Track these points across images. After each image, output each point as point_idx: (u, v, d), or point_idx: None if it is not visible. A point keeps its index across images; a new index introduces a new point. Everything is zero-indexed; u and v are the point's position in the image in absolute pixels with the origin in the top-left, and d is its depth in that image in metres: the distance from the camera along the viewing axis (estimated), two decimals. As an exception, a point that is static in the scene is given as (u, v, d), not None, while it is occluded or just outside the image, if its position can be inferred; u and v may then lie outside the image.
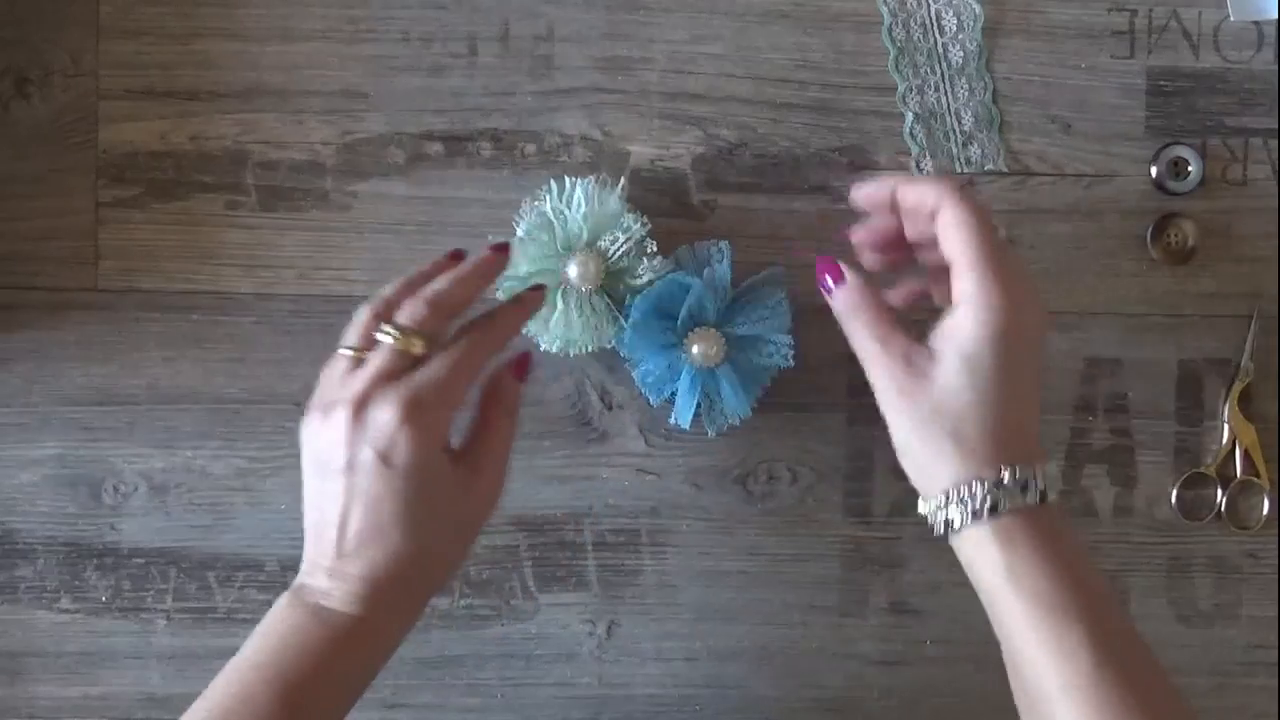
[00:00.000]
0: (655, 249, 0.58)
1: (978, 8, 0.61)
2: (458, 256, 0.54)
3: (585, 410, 0.62)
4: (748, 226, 0.61)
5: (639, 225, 0.57)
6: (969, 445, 0.46)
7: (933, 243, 0.50)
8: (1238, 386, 0.61)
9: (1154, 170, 0.61)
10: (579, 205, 0.57)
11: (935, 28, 0.61)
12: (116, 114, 0.60)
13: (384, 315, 0.50)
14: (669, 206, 0.61)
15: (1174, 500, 0.62)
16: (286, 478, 0.61)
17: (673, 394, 0.59)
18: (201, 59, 0.60)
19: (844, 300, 0.50)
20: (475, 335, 0.51)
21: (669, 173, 0.61)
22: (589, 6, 0.61)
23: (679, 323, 0.58)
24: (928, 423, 0.47)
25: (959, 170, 0.61)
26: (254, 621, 0.61)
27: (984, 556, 0.46)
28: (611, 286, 0.58)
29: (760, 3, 0.61)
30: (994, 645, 0.62)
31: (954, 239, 0.48)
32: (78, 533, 0.61)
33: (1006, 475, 0.46)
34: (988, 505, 0.46)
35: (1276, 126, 0.62)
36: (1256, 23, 0.61)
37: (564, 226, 0.57)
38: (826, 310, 0.61)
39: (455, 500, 0.50)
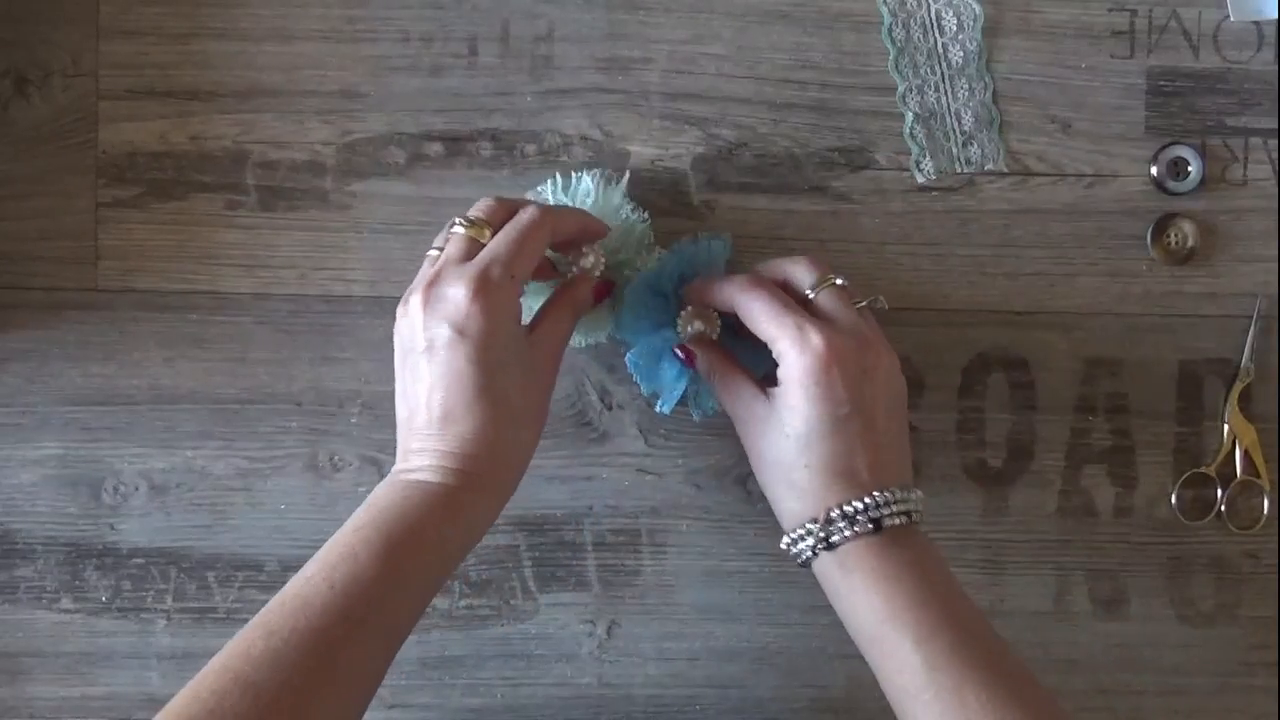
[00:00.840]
0: (653, 240, 0.58)
1: (978, 8, 0.61)
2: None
3: (585, 410, 0.61)
4: (748, 226, 0.61)
5: (640, 218, 0.58)
6: (799, 491, 0.52)
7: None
8: (1238, 386, 0.61)
9: (1154, 170, 0.61)
10: (586, 195, 0.58)
11: (935, 28, 0.61)
12: (116, 114, 0.60)
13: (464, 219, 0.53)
14: (669, 206, 0.61)
15: (1174, 500, 0.62)
16: (286, 478, 0.61)
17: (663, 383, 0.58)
18: (201, 59, 0.60)
19: (701, 367, 0.56)
20: (535, 213, 0.53)
21: (669, 173, 0.61)
22: (589, 6, 0.61)
23: (671, 293, 0.57)
24: (769, 470, 0.53)
25: (959, 170, 0.61)
26: (254, 621, 0.61)
27: (829, 583, 0.52)
28: (612, 279, 0.58)
29: (760, 3, 0.61)
30: (994, 645, 0.62)
31: (753, 321, 0.53)
32: (78, 533, 0.61)
33: (834, 512, 0.51)
34: (823, 539, 0.51)
35: (1276, 126, 0.62)
36: (1256, 23, 0.61)
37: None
38: (826, 310, 0.61)
39: (529, 373, 0.52)
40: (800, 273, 0.54)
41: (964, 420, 0.62)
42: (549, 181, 0.59)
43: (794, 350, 0.51)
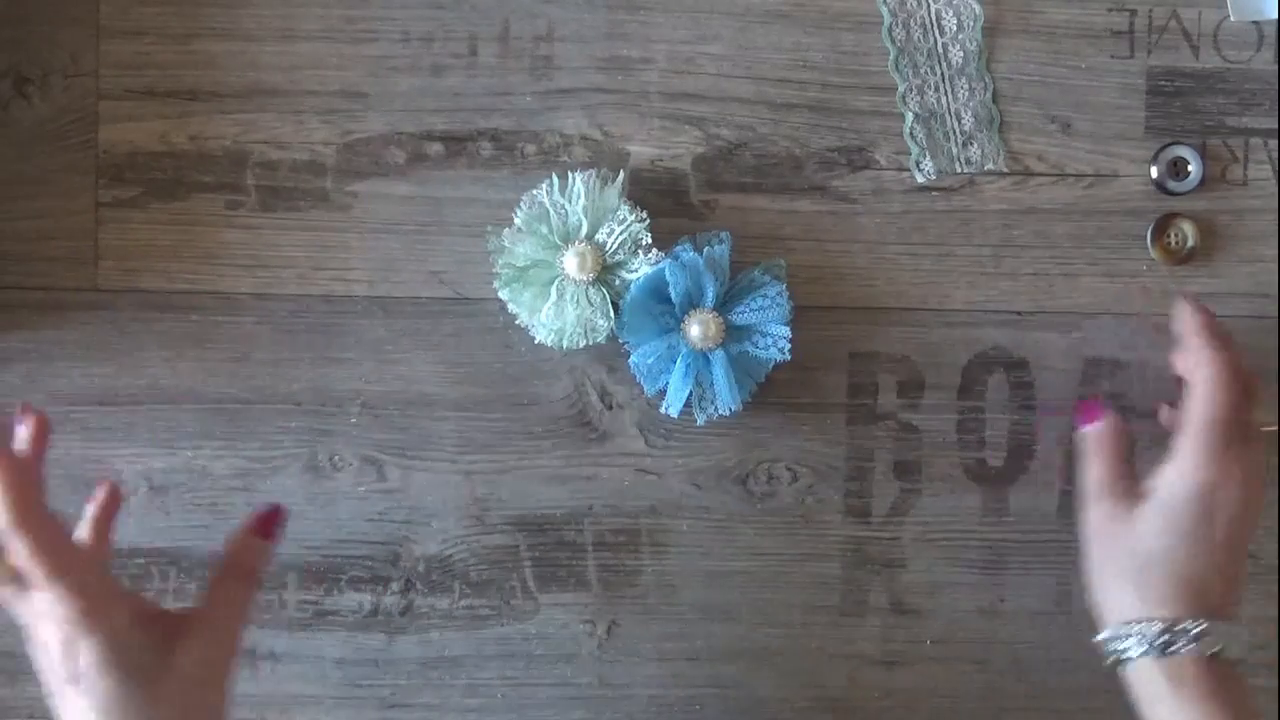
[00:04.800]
0: (650, 241, 0.58)
1: (978, 8, 0.61)
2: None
3: (585, 410, 0.62)
4: (748, 226, 0.61)
5: (635, 218, 0.58)
6: (1152, 587, 0.51)
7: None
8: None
9: (1154, 170, 0.61)
10: (578, 197, 0.58)
11: (935, 28, 0.61)
12: (116, 114, 0.60)
13: None
14: (669, 206, 0.61)
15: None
16: (286, 478, 0.61)
17: (667, 383, 0.59)
18: (201, 59, 0.60)
19: (1096, 437, 0.56)
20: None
21: (669, 173, 0.61)
22: (589, 6, 0.61)
23: (677, 300, 0.58)
24: (1118, 558, 0.53)
25: (959, 170, 0.61)
26: (254, 621, 0.61)
27: (1152, 692, 0.51)
28: (608, 280, 0.58)
29: (760, 3, 0.61)
30: (994, 645, 0.62)
31: (1192, 399, 0.53)
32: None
33: (1187, 622, 0.50)
34: (1161, 642, 0.50)
35: (1276, 126, 0.62)
36: (1256, 23, 0.61)
37: (563, 219, 0.58)
38: (827, 310, 0.61)
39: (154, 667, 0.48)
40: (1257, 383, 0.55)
41: (964, 420, 0.62)
42: (546, 183, 0.59)
43: (1201, 454, 0.52)
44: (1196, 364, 0.54)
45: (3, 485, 0.46)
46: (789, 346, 0.58)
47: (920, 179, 0.61)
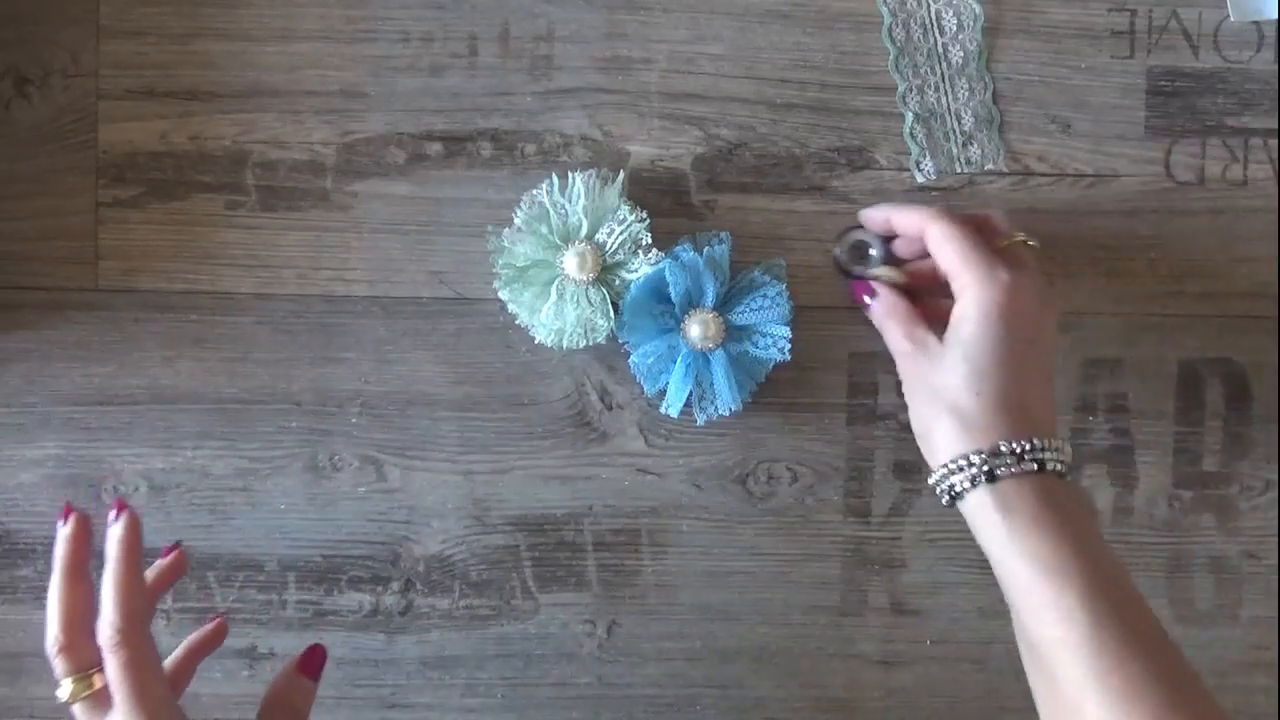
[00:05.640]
0: (650, 241, 0.58)
1: (978, 8, 0.61)
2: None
3: (585, 410, 0.62)
4: (748, 226, 0.61)
5: (635, 218, 0.58)
6: (966, 419, 0.51)
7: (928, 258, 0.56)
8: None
9: (836, 250, 0.60)
10: (578, 197, 0.58)
11: (935, 28, 0.61)
12: (116, 114, 0.60)
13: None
14: (669, 206, 0.61)
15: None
16: (286, 478, 0.61)
17: (667, 383, 0.59)
18: (201, 59, 0.60)
19: (879, 309, 0.57)
20: (118, 561, 0.50)
21: (669, 173, 0.61)
22: (589, 6, 0.61)
23: (677, 300, 0.58)
24: (930, 401, 0.53)
25: (959, 170, 0.61)
26: (254, 621, 0.61)
27: (985, 520, 0.50)
28: (607, 280, 0.58)
29: (760, 3, 0.61)
30: (994, 645, 0.62)
31: (943, 252, 0.54)
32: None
33: (1003, 445, 0.50)
34: (985, 471, 0.50)
35: (1276, 126, 0.62)
36: (1256, 23, 0.61)
37: (563, 219, 0.58)
38: (827, 310, 0.61)
39: None
40: (994, 223, 0.56)
41: (964, 420, 0.62)
42: (546, 183, 0.59)
43: (980, 283, 0.52)
44: (921, 226, 0.55)
45: (121, 596, 0.48)
46: (789, 346, 0.59)
47: (920, 179, 0.61)
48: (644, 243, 0.58)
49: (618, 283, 0.58)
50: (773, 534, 0.62)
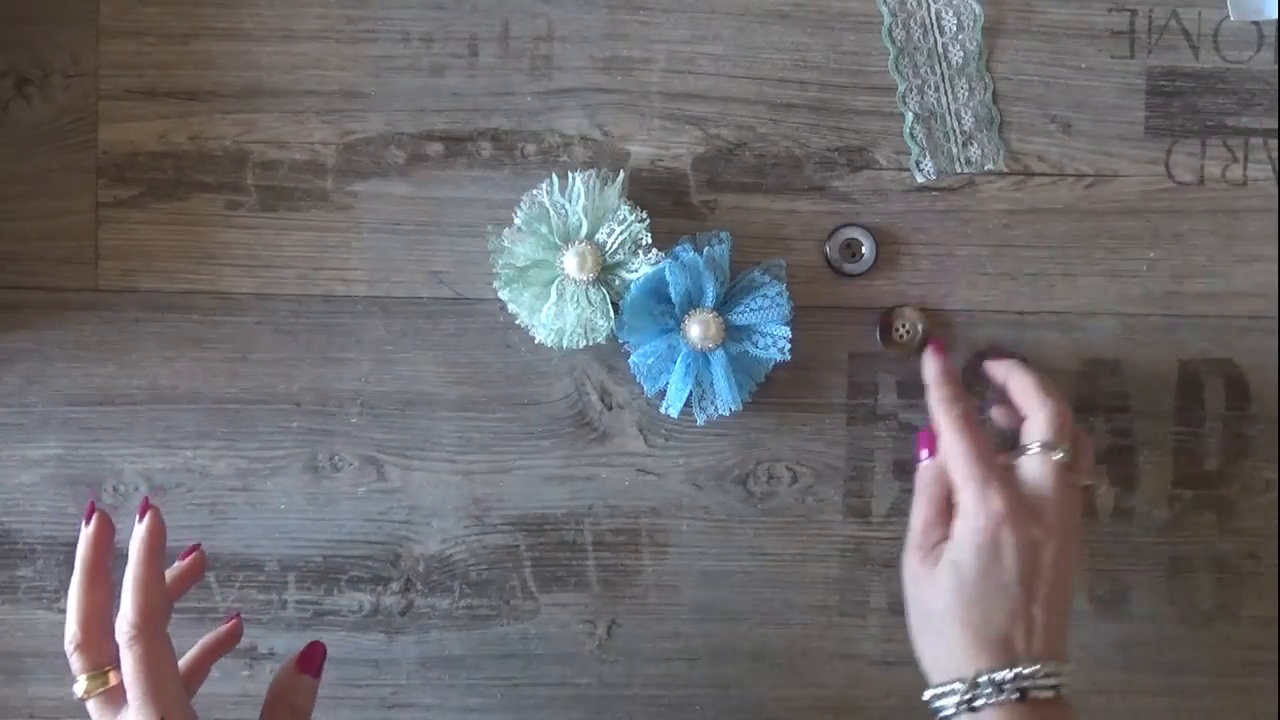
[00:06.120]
0: (650, 241, 0.58)
1: (978, 8, 0.61)
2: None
3: (585, 410, 0.62)
4: (748, 226, 0.61)
5: (635, 218, 0.58)
6: (951, 646, 0.52)
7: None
8: None
9: (827, 249, 0.60)
10: (578, 197, 0.58)
11: (935, 28, 0.61)
12: (116, 114, 0.60)
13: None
14: (669, 206, 0.61)
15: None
16: (286, 478, 0.61)
17: (667, 383, 0.59)
18: (201, 59, 0.60)
19: (922, 477, 0.55)
20: (139, 566, 0.50)
21: (669, 173, 0.61)
22: (589, 6, 0.61)
23: (677, 300, 0.58)
24: (923, 618, 0.53)
25: (959, 170, 0.61)
26: (254, 621, 0.61)
27: None
28: (607, 280, 0.58)
29: (760, 3, 0.61)
30: (994, 645, 0.62)
31: (951, 465, 0.54)
32: (78, 533, 0.61)
33: (982, 677, 0.50)
34: (965, 700, 0.51)
35: (1276, 126, 0.62)
36: (1256, 23, 0.61)
37: (563, 219, 0.58)
38: (827, 310, 0.61)
39: None
40: (1035, 421, 0.54)
41: (964, 420, 0.62)
42: (546, 183, 0.59)
43: (972, 505, 0.52)
44: (940, 433, 0.55)
45: (140, 595, 0.49)
46: (789, 346, 0.58)
47: (920, 179, 0.61)
48: (644, 243, 0.58)
49: (618, 283, 0.58)
50: (772, 534, 0.62)
